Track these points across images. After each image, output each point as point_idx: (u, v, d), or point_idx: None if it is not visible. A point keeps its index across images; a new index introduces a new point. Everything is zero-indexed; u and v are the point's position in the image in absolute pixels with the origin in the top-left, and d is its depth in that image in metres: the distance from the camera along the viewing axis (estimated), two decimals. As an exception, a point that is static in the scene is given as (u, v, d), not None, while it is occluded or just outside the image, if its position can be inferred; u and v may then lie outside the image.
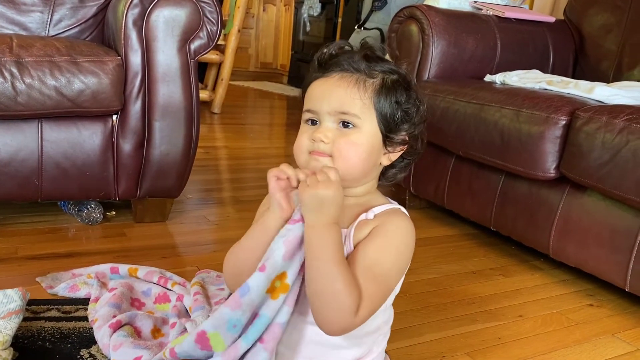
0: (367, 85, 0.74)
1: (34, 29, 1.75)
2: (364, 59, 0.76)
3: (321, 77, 0.77)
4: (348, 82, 0.74)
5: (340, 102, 0.74)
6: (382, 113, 0.75)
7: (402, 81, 0.77)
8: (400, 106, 0.76)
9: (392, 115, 0.76)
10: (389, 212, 0.77)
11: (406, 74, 0.79)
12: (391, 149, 0.78)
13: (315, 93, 0.77)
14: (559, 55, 2.05)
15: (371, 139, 0.75)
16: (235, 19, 3.56)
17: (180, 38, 1.46)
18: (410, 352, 1.08)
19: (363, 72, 0.75)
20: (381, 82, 0.75)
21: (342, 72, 0.75)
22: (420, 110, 0.79)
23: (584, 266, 1.39)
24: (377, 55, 0.78)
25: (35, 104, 1.34)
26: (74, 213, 1.58)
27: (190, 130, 1.52)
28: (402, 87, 0.77)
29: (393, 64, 0.78)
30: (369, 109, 0.74)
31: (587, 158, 1.30)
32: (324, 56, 0.78)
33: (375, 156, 0.77)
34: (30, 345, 0.96)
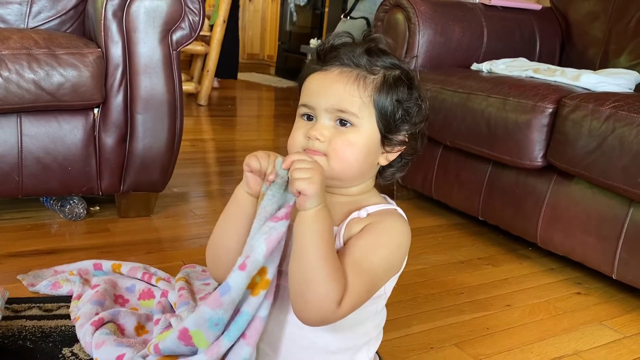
0: (367, 82, 0.71)
1: (12, 21, 1.70)
2: (365, 53, 0.72)
3: (320, 71, 0.73)
4: (347, 78, 0.70)
5: (338, 99, 0.70)
6: (382, 112, 0.71)
7: (405, 78, 0.73)
8: (401, 105, 0.72)
9: (393, 114, 0.72)
10: (383, 212, 0.74)
11: (409, 69, 0.75)
12: (389, 148, 0.74)
13: (313, 87, 0.73)
14: (545, 43, 2.04)
15: (369, 139, 0.71)
16: (221, 10, 3.52)
17: (161, 29, 1.43)
18: (398, 344, 1.07)
19: (364, 68, 0.71)
20: (382, 79, 0.72)
21: (342, 67, 0.71)
22: (422, 109, 0.75)
23: (572, 254, 1.39)
24: (380, 49, 0.73)
25: (14, 98, 1.30)
26: (56, 209, 1.55)
27: (174, 123, 1.50)
28: (404, 84, 0.73)
29: (396, 59, 0.74)
30: (368, 108, 0.71)
31: (574, 146, 1.29)
32: (325, 48, 0.73)
33: (373, 156, 0.73)
34: (11, 345, 0.94)
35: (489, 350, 1.08)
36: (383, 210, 0.74)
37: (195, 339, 0.69)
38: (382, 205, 0.75)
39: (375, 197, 0.78)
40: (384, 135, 0.72)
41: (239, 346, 0.70)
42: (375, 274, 0.70)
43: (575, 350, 1.10)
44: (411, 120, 0.74)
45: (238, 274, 0.66)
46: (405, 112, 0.73)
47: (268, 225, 0.67)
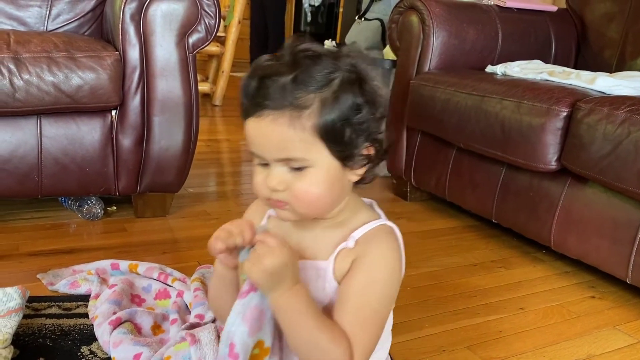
0: (303, 119, 0.62)
1: (32, 24, 1.74)
2: (292, 84, 0.62)
3: (253, 117, 0.65)
4: (281, 124, 0.62)
5: (280, 150, 0.64)
6: (331, 141, 0.64)
7: (346, 85, 0.64)
8: (351, 122, 0.64)
9: (343, 138, 0.64)
10: (370, 235, 0.69)
11: (350, 68, 0.65)
12: (355, 165, 0.68)
13: (253, 137, 0.67)
14: (561, 45, 2.03)
15: (328, 173, 0.65)
16: (236, 10, 3.54)
17: (178, 32, 1.45)
18: (410, 346, 1.08)
19: (294, 106, 0.62)
20: (320, 107, 0.62)
21: (272, 112, 0.63)
22: (375, 109, 0.66)
23: (586, 258, 1.38)
24: (308, 57, 0.64)
25: (34, 100, 1.33)
26: (74, 209, 1.58)
27: (190, 125, 1.52)
28: (347, 94, 0.64)
29: (331, 61, 0.64)
30: (315, 144, 0.63)
31: (589, 150, 1.29)
32: (249, 89, 0.65)
33: (339, 184, 0.67)
34: (31, 343, 0.96)
35: (501, 354, 1.08)
36: (371, 233, 0.70)
37: None
38: (369, 224, 0.70)
39: (360, 213, 0.73)
40: (342, 161, 0.66)
41: None
42: (379, 315, 0.68)
43: (588, 355, 1.10)
44: (367, 131, 0.66)
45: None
46: (357, 127, 0.65)
47: (239, 304, 0.65)
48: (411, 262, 1.46)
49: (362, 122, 0.65)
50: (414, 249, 1.55)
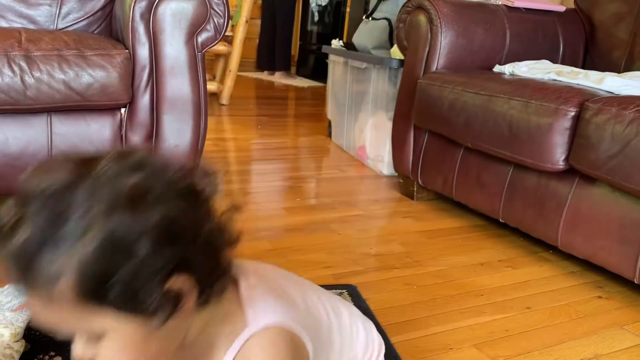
0: (60, 297, 0.46)
1: (42, 23, 1.75)
2: (36, 251, 0.45)
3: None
4: (40, 308, 0.48)
5: (56, 330, 0.49)
6: (109, 303, 0.47)
7: (109, 234, 0.45)
8: (134, 278, 0.46)
9: (126, 294, 0.46)
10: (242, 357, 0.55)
11: (117, 191, 0.47)
12: (164, 312, 0.49)
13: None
14: (569, 45, 2.03)
15: (127, 337, 0.49)
16: (243, 10, 3.56)
17: (187, 31, 1.46)
18: (417, 344, 1.08)
19: (42, 282, 0.45)
20: (78, 269, 0.45)
21: (26, 288, 0.47)
22: (164, 257, 0.48)
23: (593, 258, 1.38)
24: (54, 201, 0.46)
25: (45, 98, 1.34)
26: (84, 206, 1.59)
27: (199, 123, 1.53)
28: (112, 248, 0.45)
29: (88, 188, 0.46)
30: (88, 313, 0.47)
31: (597, 150, 1.29)
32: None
33: (157, 340, 0.51)
34: (42, 337, 0.97)
35: (508, 352, 1.08)
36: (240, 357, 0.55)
37: None
38: (231, 349, 0.55)
39: (223, 335, 0.56)
40: (145, 318, 0.49)
41: None
42: None
43: (595, 354, 1.10)
44: (159, 274, 0.48)
45: None
46: (142, 270, 0.46)
47: None
48: (418, 261, 1.47)
49: (145, 268, 0.47)
50: (420, 248, 1.55)
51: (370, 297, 1.24)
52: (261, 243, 1.51)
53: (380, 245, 1.58)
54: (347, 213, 1.80)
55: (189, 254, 0.50)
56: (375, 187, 2.15)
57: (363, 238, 1.62)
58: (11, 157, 1.37)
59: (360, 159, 2.50)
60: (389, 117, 2.20)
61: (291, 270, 0.82)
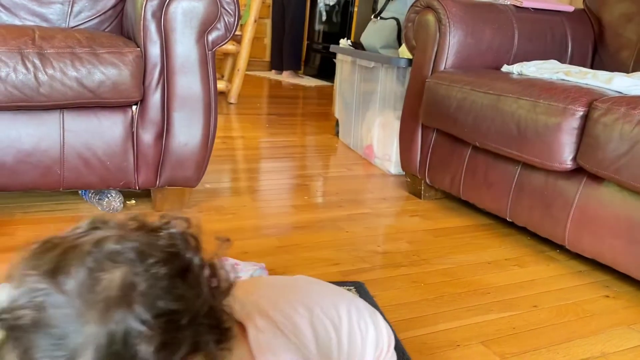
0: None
1: (54, 21, 1.77)
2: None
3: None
4: None
5: None
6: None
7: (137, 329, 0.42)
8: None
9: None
10: None
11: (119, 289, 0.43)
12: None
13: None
14: (577, 45, 2.03)
15: None
16: (252, 9, 3.57)
17: (198, 29, 1.47)
18: (425, 340, 1.09)
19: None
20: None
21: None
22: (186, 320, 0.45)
23: (600, 257, 1.39)
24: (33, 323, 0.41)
25: (57, 95, 1.36)
26: (94, 202, 1.61)
27: (209, 121, 1.54)
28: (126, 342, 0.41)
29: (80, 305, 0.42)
30: None
31: (605, 149, 1.29)
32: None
33: None
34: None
35: (515, 350, 1.09)
36: None
37: None
38: None
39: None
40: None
41: None
42: None
43: (602, 353, 1.11)
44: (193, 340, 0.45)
45: None
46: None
47: None
48: (425, 259, 1.48)
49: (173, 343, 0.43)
50: (428, 247, 1.56)
51: (378, 294, 1.24)
52: (269, 240, 1.52)
53: (388, 243, 1.59)
54: (354, 211, 1.81)
55: (195, 335, 0.45)
56: (382, 186, 2.16)
57: (370, 236, 1.63)
58: (24, 154, 1.39)
59: (367, 157, 2.51)
60: (397, 116, 2.21)
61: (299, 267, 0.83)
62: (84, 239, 0.46)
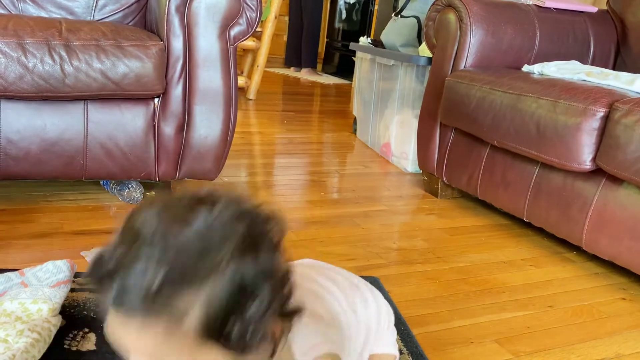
0: (183, 327, 0.47)
1: (80, 14, 1.81)
2: (166, 285, 0.46)
3: (114, 311, 0.48)
4: (154, 336, 0.47)
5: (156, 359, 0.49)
6: (222, 340, 0.49)
7: (238, 265, 0.48)
8: (244, 315, 0.49)
9: (237, 334, 0.49)
10: None
11: (240, 239, 0.49)
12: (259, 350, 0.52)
13: (121, 339, 0.50)
14: (599, 46, 2.01)
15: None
16: (272, 6, 3.59)
17: (220, 24, 1.49)
18: (439, 336, 1.10)
19: (172, 314, 0.46)
20: (204, 307, 0.47)
21: (141, 317, 0.47)
22: (278, 285, 0.52)
23: (618, 259, 1.38)
24: (185, 239, 0.47)
25: (82, 86, 1.39)
26: (115, 192, 1.64)
27: (229, 115, 1.56)
28: (237, 281, 0.48)
29: (219, 234, 0.48)
30: (201, 348, 0.48)
31: (625, 151, 1.28)
32: (103, 272, 0.49)
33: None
34: (77, 314, 1.02)
35: (529, 348, 1.09)
36: None
37: None
38: None
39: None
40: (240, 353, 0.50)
41: None
42: None
43: (617, 354, 1.10)
44: (267, 316, 0.50)
45: None
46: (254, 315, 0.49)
47: None
48: (441, 256, 1.48)
49: (261, 309, 0.49)
50: (443, 245, 1.57)
51: (393, 290, 1.25)
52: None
53: (403, 240, 1.59)
54: (370, 208, 1.82)
55: (283, 300, 0.53)
56: (399, 184, 2.16)
57: (386, 232, 1.64)
58: (49, 143, 1.42)
59: (384, 155, 2.52)
60: (415, 114, 2.21)
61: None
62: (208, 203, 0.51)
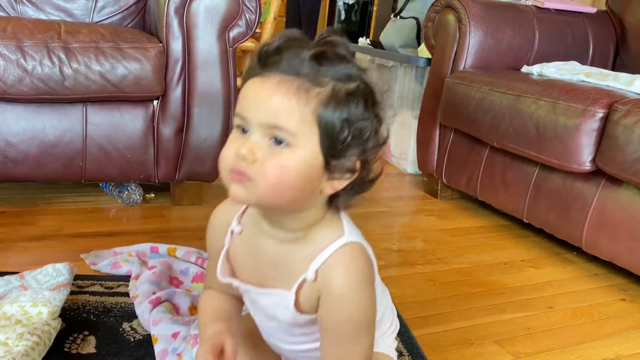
0: (310, 95, 0.58)
1: (78, 16, 1.81)
2: (313, 59, 0.58)
3: (258, 76, 0.60)
4: (287, 89, 0.58)
5: (273, 114, 0.58)
6: (327, 131, 0.59)
7: (361, 92, 0.60)
8: (352, 125, 0.59)
9: (339, 136, 0.59)
10: (332, 264, 0.64)
11: (369, 83, 0.62)
12: (335, 175, 0.61)
13: (248, 96, 0.60)
14: (598, 47, 2.01)
15: (307, 163, 0.59)
16: (272, 7, 3.59)
17: (219, 26, 1.49)
18: (439, 338, 1.10)
19: (308, 78, 0.58)
20: (331, 92, 0.59)
21: (282, 74, 0.58)
22: (378, 132, 0.62)
23: (618, 260, 1.38)
24: (337, 54, 0.60)
25: (81, 88, 1.39)
26: (114, 194, 1.64)
27: (228, 117, 1.56)
28: (359, 100, 0.60)
29: (355, 67, 0.61)
30: (310, 126, 0.58)
31: (624, 151, 1.28)
32: (267, 49, 0.61)
33: (312, 184, 0.61)
34: (77, 317, 1.02)
35: (529, 350, 1.09)
36: (332, 260, 0.64)
37: None
38: (331, 246, 0.64)
39: (324, 235, 0.65)
40: (327, 159, 0.60)
41: None
42: (360, 344, 0.67)
43: (617, 355, 1.10)
44: (363, 145, 0.61)
45: None
46: (356, 134, 0.60)
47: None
48: (441, 258, 1.48)
49: (362, 133, 0.60)
50: (443, 246, 1.56)
51: (393, 292, 1.23)
52: (286, 235, 1.53)
53: (403, 241, 1.59)
54: (369, 209, 1.82)
55: (372, 160, 0.64)
56: (398, 185, 2.16)
57: (386, 234, 1.63)
58: (48, 145, 1.42)
59: (384, 156, 2.51)
60: (415, 115, 2.21)
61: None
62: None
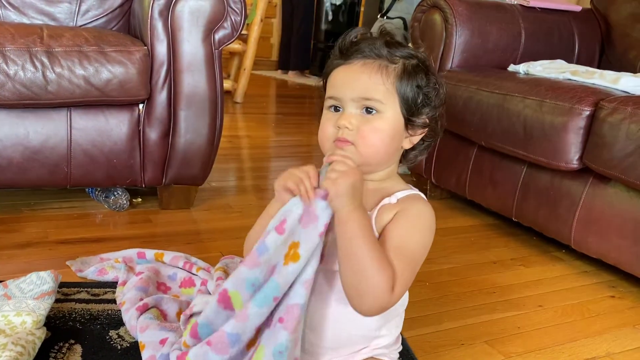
0: (389, 71, 0.76)
1: (62, 19, 1.78)
2: (385, 45, 0.77)
3: (343, 64, 0.78)
4: (371, 68, 0.76)
5: (363, 89, 0.75)
6: (404, 97, 0.77)
7: (422, 65, 0.79)
8: (421, 90, 0.78)
9: (414, 99, 0.77)
10: (411, 197, 0.79)
11: (425, 58, 0.80)
12: (412, 132, 0.79)
13: (338, 80, 0.78)
14: (584, 45, 2.02)
15: (394, 124, 0.77)
16: (258, 8, 3.57)
17: (205, 28, 1.48)
18: (429, 339, 1.09)
19: (385, 58, 0.76)
20: (402, 67, 0.77)
21: (364, 59, 0.77)
22: (439, 93, 0.80)
23: (606, 257, 1.38)
24: (397, 41, 0.79)
25: (65, 93, 1.37)
26: (101, 199, 1.62)
27: (215, 120, 1.55)
28: (422, 71, 0.78)
29: (412, 49, 0.80)
30: (392, 95, 0.76)
31: (611, 149, 1.29)
32: (345, 43, 0.79)
33: (398, 140, 0.79)
34: (62, 326, 1.00)
35: (519, 349, 1.09)
36: (410, 196, 0.79)
37: (234, 299, 0.72)
38: (408, 190, 0.80)
39: (400, 184, 0.82)
40: (407, 119, 0.77)
41: (276, 329, 0.72)
42: (416, 257, 0.76)
43: (607, 352, 1.10)
44: (431, 104, 0.79)
45: (275, 236, 0.71)
46: (425, 96, 0.78)
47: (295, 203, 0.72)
48: (430, 258, 1.47)
49: (429, 95, 0.79)
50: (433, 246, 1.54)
51: (383, 293, 1.24)
52: (275, 238, 1.52)
53: (393, 242, 1.59)
54: (360, 210, 1.81)
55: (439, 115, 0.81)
56: (388, 186, 2.16)
57: (376, 235, 1.63)
58: (32, 151, 1.40)
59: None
60: (403, 115, 2.20)
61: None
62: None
